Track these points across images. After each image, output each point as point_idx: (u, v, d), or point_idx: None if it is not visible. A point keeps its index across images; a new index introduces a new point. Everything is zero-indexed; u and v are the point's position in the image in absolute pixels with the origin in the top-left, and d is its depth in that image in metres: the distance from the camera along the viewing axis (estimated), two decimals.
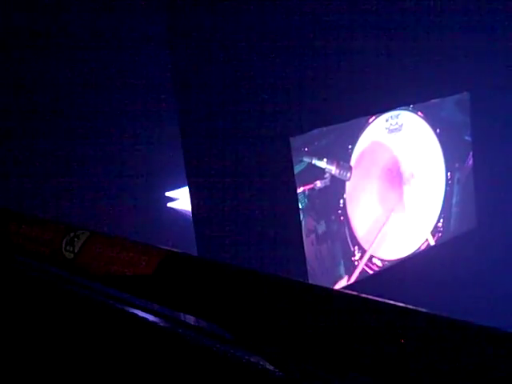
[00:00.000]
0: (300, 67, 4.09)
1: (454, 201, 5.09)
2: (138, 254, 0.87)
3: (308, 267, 4.34)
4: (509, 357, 0.55)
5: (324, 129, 4.28)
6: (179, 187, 4.50)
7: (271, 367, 0.73)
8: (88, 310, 0.97)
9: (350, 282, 4.57)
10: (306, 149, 4.21)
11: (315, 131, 4.23)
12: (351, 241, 4.56)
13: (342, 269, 4.54)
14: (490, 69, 4.81)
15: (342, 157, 4.41)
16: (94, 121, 4.15)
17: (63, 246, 0.96)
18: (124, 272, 0.86)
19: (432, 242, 5.00)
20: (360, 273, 4.62)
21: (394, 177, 4.76)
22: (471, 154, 5.11)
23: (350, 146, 4.45)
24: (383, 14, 4.40)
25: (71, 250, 0.94)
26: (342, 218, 4.48)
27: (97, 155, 4.18)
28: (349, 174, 4.45)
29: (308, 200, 4.28)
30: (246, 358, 0.76)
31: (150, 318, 0.91)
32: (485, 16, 4.78)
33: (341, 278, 4.54)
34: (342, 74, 4.22)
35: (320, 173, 4.31)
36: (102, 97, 4.15)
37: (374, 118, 4.56)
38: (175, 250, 0.88)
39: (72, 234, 0.95)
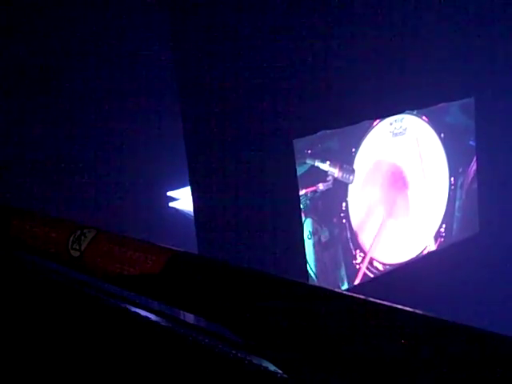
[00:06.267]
0: (304, 69, 4.09)
1: (456, 206, 5.09)
2: (145, 253, 0.86)
3: (309, 270, 4.33)
4: (508, 361, 0.54)
5: (328, 131, 4.27)
6: (181, 187, 4.50)
7: (274, 369, 0.73)
8: (93, 309, 0.97)
9: (351, 286, 4.56)
10: (310, 151, 4.21)
11: (319, 134, 4.23)
12: (353, 244, 4.55)
13: (343, 272, 4.53)
14: (495, 74, 4.81)
15: (345, 160, 4.40)
16: (95, 120, 4.15)
17: (69, 243, 0.95)
18: (130, 271, 0.86)
19: (433, 247, 5.00)
20: (361, 276, 4.61)
21: (397, 181, 4.76)
22: (475, 159, 5.11)
23: (353, 149, 4.44)
24: (388, 19, 4.40)
25: (77, 248, 0.94)
26: (344, 221, 4.47)
27: (98, 154, 4.18)
28: (352, 177, 4.45)
29: (310, 202, 4.27)
30: (248, 359, 0.75)
31: (153, 317, 0.90)
32: (490, 21, 4.78)
33: (342, 281, 4.54)
34: (347, 76, 4.21)
35: (323, 175, 4.31)
36: (104, 96, 4.15)
37: (378, 121, 4.55)
38: (182, 249, 0.88)
39: (78, 232, 0.95)
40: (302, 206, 4.24)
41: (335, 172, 4.36)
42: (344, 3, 4.20)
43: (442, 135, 4.90)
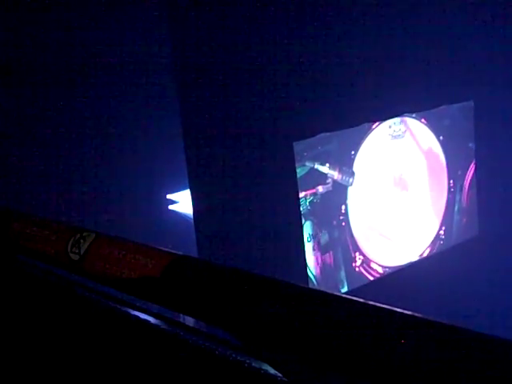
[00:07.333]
0: (304, 72, 4.09)
1: (456, 208, 5.09)
2: (145, 256, 0.86)
3: (309, 272, 4.33)
4: (507, 364, 0.54)
5: (327, 134, 4.28)
6: (181, 190, 4.50)
7: (274, 372, 0.72)
8: (92, 312, 0.96)
9: (350, 288, 4.55)
10: (309, 153, 4.21)
11: (319, 136, 4.23)
12: (352, 247, 4.55)
13: (342, 274, 4.53)
14: (494, 77, 4.82)
15: (344, 162, 4.41)
16: (94, 122, 4.15)
17: (69, 247, 0.95)
18: (131, 275, 0.85)
19: (433, 250, 4.99)
20: (361, 279, 4.61)
21: (397, 183, 4.76)
22: (474, 161, 5.11)
23: (352, 152, 4.45)
24: (388, 21, 4.41)
25: (77, 251, 0.93)
26: (343, 223, 4.47)
27: (97, 156, 4.18)
28: (351, 180, 4.45)
29: (310, 205, 4.27)
30: (248, 362, 0.75)
31: (153, 320, 0.90)
32: (489, 24, 4.79)
33: (342, 283, 4.53)
34: (346, 79, 4.22)
35: (322, 178, 4.31)
36: (103, 98, 4.15)
37: (377, 124, 4.56)
38: (182, 253, 0.87)
39: (78, 236, 0.95)
40: (301, 209, 4.24)
41: (335, 174, 4.36)
42: (343, 6, 4.21)
43: (441, 138, 4.90)
